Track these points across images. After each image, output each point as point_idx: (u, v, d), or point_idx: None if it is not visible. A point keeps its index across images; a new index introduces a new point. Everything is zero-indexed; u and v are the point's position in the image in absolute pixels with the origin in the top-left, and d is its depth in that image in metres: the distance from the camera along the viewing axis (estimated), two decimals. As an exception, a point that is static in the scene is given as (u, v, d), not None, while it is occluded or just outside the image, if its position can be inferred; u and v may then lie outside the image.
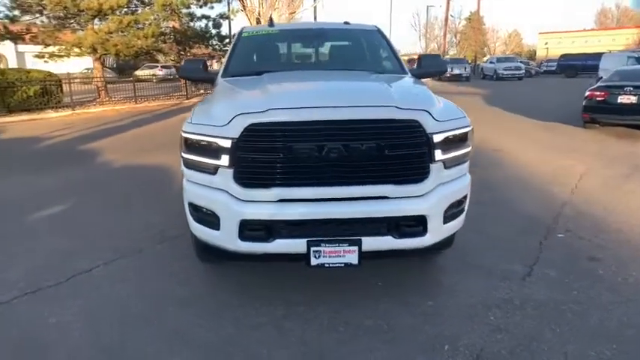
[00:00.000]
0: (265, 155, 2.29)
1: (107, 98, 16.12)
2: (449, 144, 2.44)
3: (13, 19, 14.35)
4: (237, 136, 2.25)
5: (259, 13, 22.56)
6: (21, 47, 28.05)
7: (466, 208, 2.74)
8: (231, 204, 2.36)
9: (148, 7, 16.61)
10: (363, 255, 2.41)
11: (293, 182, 2.32)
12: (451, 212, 2.56)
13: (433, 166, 2.40)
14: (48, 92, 13.45)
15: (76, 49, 14.82)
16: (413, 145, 2.34)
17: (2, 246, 3.67)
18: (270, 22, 4.01)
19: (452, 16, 50.45)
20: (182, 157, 2.54)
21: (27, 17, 14.69)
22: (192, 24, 18.04)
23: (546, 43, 54.18)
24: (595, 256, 3.40)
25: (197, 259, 3.08)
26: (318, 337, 2.41)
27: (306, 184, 2.32)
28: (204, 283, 3.05)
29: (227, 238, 2.42)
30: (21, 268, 3.24)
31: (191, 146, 2.47)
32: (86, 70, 26.99)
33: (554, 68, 37.11)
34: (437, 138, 2.35)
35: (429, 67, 3.81)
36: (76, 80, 15.46)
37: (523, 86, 24.96)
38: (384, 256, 2.59)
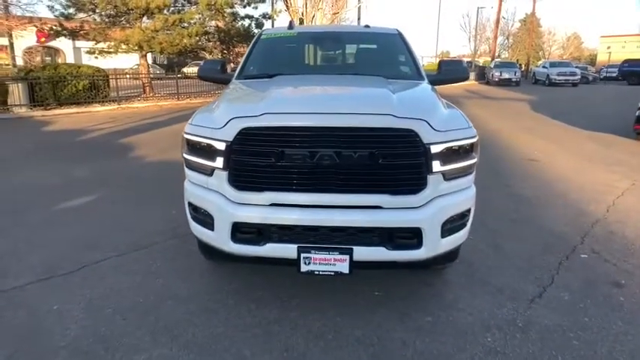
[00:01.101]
0: (258, 159, 2.32)
1: (152, 94, 16.88)
2: (449, 155, 2.37)
3: (68, 17, 15.37)
4: (231, 139, 2.31)
5: (302, 14, 22.84)
6: (78, 43, 29.90)
7: (469, 222, 2.64)
8: (225, 206, 2.42)
9: (193, 7, 17.23)
10: (355, 264, 2.39)
11: (285, 187, 2.34)
12: (450, 226, 2.48)
13: (431, 178, 2.34)
14: (96, 87, 14.27)
15: (124, 46, 15.64)
16: (409, 155, 2.29)
17: (28, 233, 3.95)
18: (290, 25, 4.06)
19: (504, 18, 48.66)
20: (183, 157, 2.63)
21: (81, 15, 15.68)
22: (235, 23, 18.50)
23: (608, 47, 51.08)
24: (619, 281, 3.18)
25: (202, 256, 3.18)
26: (304, 344, 2.42)
27: (298, 189, 2.34)
28: (205, 280, 3.13)
29: (221, 239, 2.48)
30: (40, 256, 3.47)
31: (191, 147, 2.55)
32: (136, 66, 28.38)
33: (615, 74, 34.92)
34: (435, 149, 2.29)
35: (448, 73, 3.71)
36: (124, 76, 16.31)
37: (577, 93, 23.67)
38: (377, 267, 2.55)
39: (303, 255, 2.37)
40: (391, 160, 2.28)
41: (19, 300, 2.83)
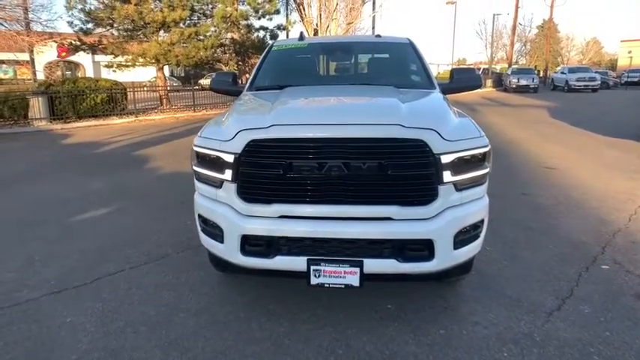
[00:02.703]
0: (267, 171, 2.32)
1: (168, 106, 17.19)
2: (460, 165, 2.34)
3: (86, 32, 15.83)
4: (239, 152, 2.32)
5: (317, 24, 23.04)
6: (97, 57, 30.76)
7: (483, 233, 2.59)
8: (234, 218, 2.42)
9: (209, 20, 17.58)
10: (365, 277, 2.37)
11: (294, 199, 2.34)
12: (463, 237, 2.44)
13: (441, 188, 2.31)
14: (114, 100, 14.61)
15: (141, 60, 16.01)
16: (418, 166, 2.26)
17: (45, 245, 4.03)
18: (301, 36, 4.09)
19: (520, 24, 48.22)
20: (193, 169, 2.66)
21: (99, 30, 16.13)
22: (250, 35, 18.78)
23: (630, 52, 49.98)
24: (644, 293, 3.07)
25: (213, 268, 3.18)
26: (314, 359, 2.39)
27: (307, 201, 2.33)
28: (217, 293, 3.14)
29: (230, 251, 2.48)
30: (55, 268, 3.53)
31: (200, 159, 2.58)
32: (154, 79, 29.02)
33: (636, 79, 34.20)
34: (445, 159, 2.26)
35: (461, 81, 3.67)
36: (141, 89, 16.66)
37: (596, 99, 23.23)
38: (388, 280, 2.52)
39: (313, 267, 2.36)
40: (401, 171, 2.26)
41: (32, 312, 2.88)
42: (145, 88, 17.53)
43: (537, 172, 6.77)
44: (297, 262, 2.38)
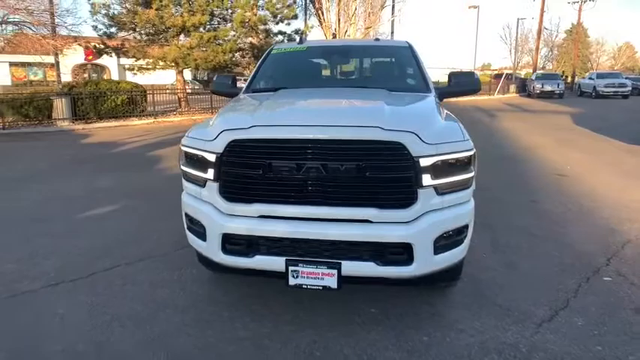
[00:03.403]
0: (247, 171, 2.36)
1: (187, 108, 17.53)
2: (441, 169, 2.31)
3: (110, 36, 16.34)
4: (221, 151, 2.36)
5: (336, 29, 23.15)
6: (122, 60, 31.70)
7: (467, 238, 2.55)
8: (215, 217, 2.46)
9: (228, 24, 17.87)
10: (344, 279, 2.36)
11: (274, 199, 2.36)
12: (445, 242, 2.41)
13: (421, 192, 2.29)
14: (134, 102, 15.01)
15: (161, 63, 16.40)
16: (397, 169, 2.25)
17: (49, 241, 4.17)
18: (300, 40, 4.13)
19: (546, 29, 47.18)
20: (180, 169, 2.71)
21: (122, 33, 16.63)
22: (268, 40, 18.99)
23: (664, 57, 48.17)
24: (644, 307, 2.96)
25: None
26: (290, 359, 2.40)
27: (286, 202, 2.35)
28: (206, 291, 3.18)
29: (211, 249, 2.53)
30: (56, 262, 3.65)
31: (187, 159, 2.64)
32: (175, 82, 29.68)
33: (672, 85, 32.93)
34: (424, 162, 2.24)
35: (458, 85, 3.64)
36: (164, 91, 17.07)
37: (626, 105, 22.50)
38: (368, 283, 2.50)
39: (291, 268, 2.37)
40: (379, 174, 2.25)
41: (29, 303, 2.99)
42: (168, 91, 17.95)
43: (550, 179, 6.61)
44: (275, 262, 2.39)
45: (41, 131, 12.85)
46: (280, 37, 19.00)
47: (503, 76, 36.01)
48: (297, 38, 19.70)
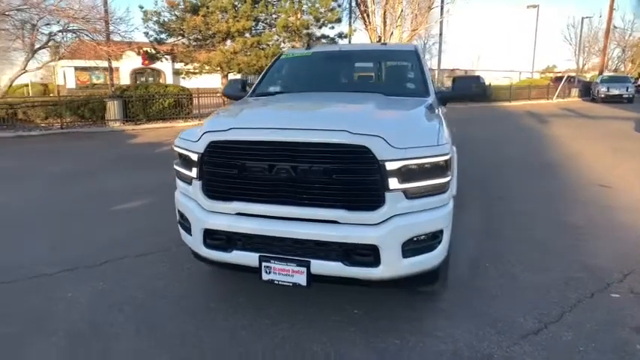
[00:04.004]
0: (225, 170, 2.54)
1: (230, 111, 18.23)
2: (411, 173, 2.36)
3: (160, 41, 17.41)
4: (202, 151, 2.57)
5: (381, 32, 23.10)
6: (177, 65, 33.52)
7: (443, 244, 2.56)
8: (198, 213, 2.67)
9: (273, 29, 18.44)
10: (314, 278, 2.48)
11: (249, 198, 2.53)
12: (415, 246, 2.45)
13: (388, 195, 2.35)
14: (180, 104, 15.88)
15: (207, 67, 17.23)
16: (363, 172, 2.33)
17: (77, 231, 4.62)
18: (308, 46, 4.28)
19: (615, 27, 44.02)
20: (174, 167, 2.95)
21: (172, 39, 17.66)
22: (311, 44, 19.36)
23: None
24: (646, 327, 2.81)
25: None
26: (261, 352, 2.54)
27: (260, 200, 2.51)
28: (200, 284, 3.41)
29: (196, 243, 2.74)
30: (77, 250, 4.04)
31: (178, 158, 2.87)
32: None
33: None
34: (391, 166, 2.30)
35: (460, 89, 3.62)
36: (210, 94, 17.87)
37: None
38: (338, 282, 2.59)
39: (264, 264, 2.52)
40: (346, 176, 2.35)
41: (42, 286, 3.36)
42: (218, 94, 18.75)
43: (587, 189, 6.28)
44: (250, 258, 2.56)
45: (94, 131, 13.95)
46: (323, 41, 19.28)
47: (564, 79, 34.06)
48: (340, 42, 19.93)
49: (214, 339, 2.67)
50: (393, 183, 2.33)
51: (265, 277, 2.54)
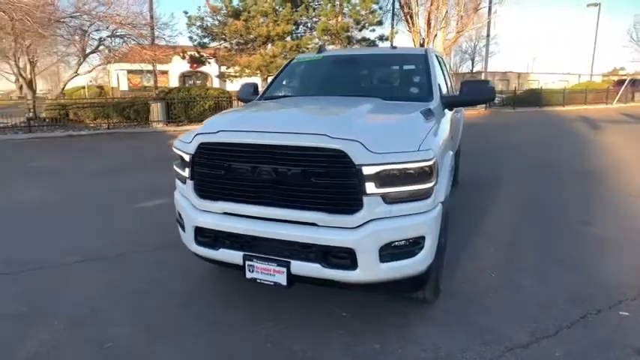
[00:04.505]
0: (213, 171, 2.67)
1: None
2: (389, 178, 2.38)
3: (203, 45, 18.15)
4: (193, 152, 2.72)
5: (426, 34, 22.78)
6: (223, 68, 34.74)
7: (425, 250, 2.55)
8: (190, 211, 2.83)
9: (313, 32, 18.71)
10: (294, 278, 2.56)
11: (234, 198, 2.65)
12: (394, 251, 2.46)
13: (366, 199, 2.38)
14: (220, 106, 16.46)
15: (247, 71, 17.75)
16: (341, 176, 2.38)
17: (100, 224, 4.96)
18: (319, 50, 4.37)
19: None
20: (173, 168, 3.14)
21: (214, 43, 18.36)
22: (351, 46, 19.44)
23: None
24: (648, 349, 2.66)
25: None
26: (243, 348, 2.64)
27: (244, 201, 2.62)
28: (198, 279, 3.57)
29: (188, 240, 2.90)
30: (97, 243, 4.35)
31: (176, 159, 3.05)
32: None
33: None
34: (368, 170, 2.34)
35: (468, 94, 3.57)
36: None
37: None
38: (318, 284, 2.65)
39: (247, 262, 2.63)
40: (324, 180, 2.40)
41: (57, 274, 3.66)
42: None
43: (624, 200, 5.93)
44: (235, 256, 2.67)
45: (138, 131, 14.77)
46: (364, 44, 19.31)
47: (626, 82, 31.97)
48: (382, 44, 19.88)
49: (199, 331, 2.81)
50: (370, 187, 2.36)
51: (249, 275, 2.65)
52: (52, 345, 2.67)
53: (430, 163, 2.46)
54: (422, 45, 22.95)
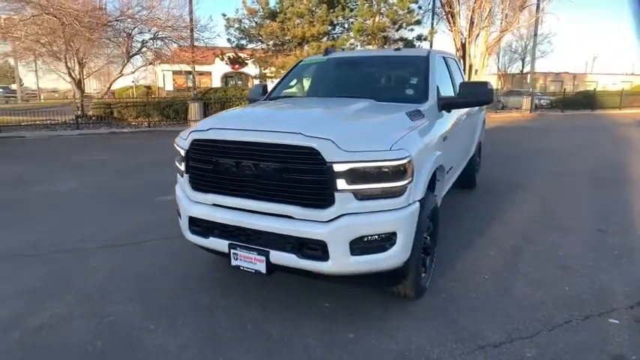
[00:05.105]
0: (204, 165, 2.94)
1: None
2: (360, 175, 2.54)
3: (241, 47, 18.78)
4: (187, 148, 3.00)
5: (468, 33, 22.36)
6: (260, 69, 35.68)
7: (397, 246, 2.68)
8: (185, 202, 3.12)
9: (350, 33, 18.88)
10: (273, 266, 2.78)
11: (221, 191, 2.90)
12: (365, 246, 2.62)
13: (338, 195, 2.56)
14: (255, 106, 17.00)
15: (282, 72, 18.16)
16: (313, 172, 2.56)
17: (125, 215, 5.41)
18: (326, 52, 4.56)
19: None
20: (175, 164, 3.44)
21: (252, 45, 18.95)
22: (387, 47, 19.45)
23: None
24: (627, 357, 2.65)
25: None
26: (222, 330, 2.88)
27: (229, 193, 2.87)
28: (201, 266, 3.85)
29: (184, 228, 3.19)
30: (118, 231, 4.77)
31: (176, 154, 3.35)
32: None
33: None
34: (339, 167, 2.51)
35: (465, 95, 3.65)
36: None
37: None
38: (295, 273, 2.85)
39: (232, 251, 2.88)
40: (299, 175, 2.60)
41: (76, 257, 4.08)
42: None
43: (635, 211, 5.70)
44: (222, 244, 2.93)
45: (177, 130, 15.31)
46: (400, 44, 19.26)
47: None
48: (418, 45, 19.74)
49: (193, 313, 3.09)
50: (342, 184, 2.54)
51: (233, 262, 2.89)
52: (60, 317, 3.04)
53: (402, 162, 2.60)
54: (463, 46, 22.55)
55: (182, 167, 3.13)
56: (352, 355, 2.63)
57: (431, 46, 21.34)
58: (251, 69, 33.31)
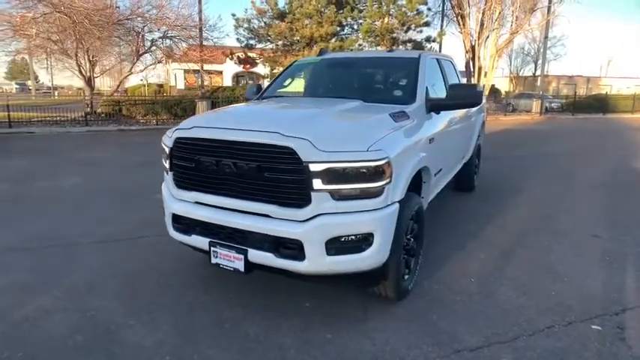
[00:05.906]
0: (186, 163, 2.96)
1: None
2: (337, 175, 2.54)
3: (250, 47, 18.86)
4: (171, 146, 3.03)
5: (477, 35, 22.15)
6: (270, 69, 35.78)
7: (373, 247, 2.67)
8: (169, 199, 3.14)
9: (358, 33, 18.85)
10: (251, 265, 2.78)
11: (203, 189, 2.92)
12: (340, 246, 2.61)
13: (314, 195, 2.55)
14: (262, 106, 17.07)
15: (290, 71, 18.23)
16: (290, 171, 2.56)
17: (124, 212, 5.47)
18: (320, 52, 4.55)
19: None
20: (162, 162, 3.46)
21: (261, 45, 19.02)
22: (395, 48, 19.39)
23: None
24: (606, 363, 2.61)
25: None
26: (200, 326, 2.90)
27: (210, 192, 2.88)
28: (191, 263, 3.87)
29: (168, 225, 3.21)
30: (116, 227, 4.82)
31: (162, 152, 3.37)
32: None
33: None
34: (315, 167, 2.50)
35: (456, 97, 3.62)
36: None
37: None
38: (274, 272, 2.85)
39: (212, 249, 2.90)
40: (276, 174, 2.61)
41: (70, 253, 4.13)
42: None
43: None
44: (203, 242, 2.94)
45: (184, 128, 15.63)
46: (409, 46, 19.17)
47: None
48: (427, 46, 19.62)
49: (175, 308, 3.12)
50: (318, 184, 2.53)
51: (213, 260, 2.91)
52: (45, 310, 3.08)
53: (379, 163, 2.59)
54: (472, 48, 22.35)
55: (167, 165, 3.15)
56: (326, 355, 2.63)
57: (440, 48, 21.21)
58: (262, 68, 33.44)
